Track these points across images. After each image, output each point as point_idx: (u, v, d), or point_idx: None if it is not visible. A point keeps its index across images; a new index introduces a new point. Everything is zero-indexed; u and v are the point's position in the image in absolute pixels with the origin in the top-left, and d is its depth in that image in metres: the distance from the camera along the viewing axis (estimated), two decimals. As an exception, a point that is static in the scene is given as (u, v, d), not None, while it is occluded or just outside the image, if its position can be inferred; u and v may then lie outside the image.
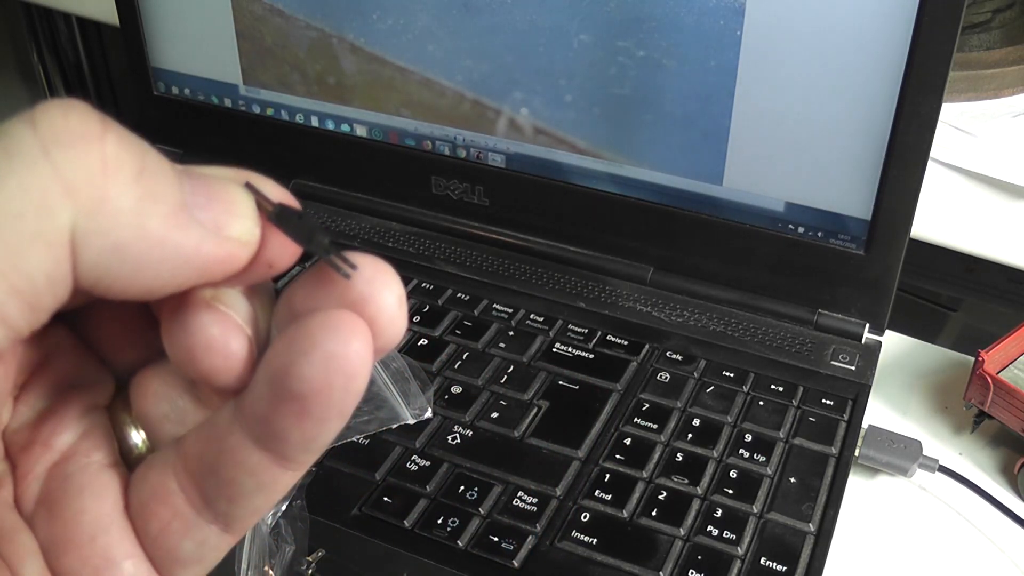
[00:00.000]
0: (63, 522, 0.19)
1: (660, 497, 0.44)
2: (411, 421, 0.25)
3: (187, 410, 0.20)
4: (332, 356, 0.17)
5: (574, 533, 0.43)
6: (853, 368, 0.51)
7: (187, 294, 0.18)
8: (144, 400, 0.20)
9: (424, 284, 0.58)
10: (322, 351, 0.17)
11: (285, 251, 0.19)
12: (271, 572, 0.37)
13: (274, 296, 0.20)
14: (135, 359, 0.21)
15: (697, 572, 0.41)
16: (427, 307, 0.56)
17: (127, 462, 0.20)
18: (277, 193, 0.19)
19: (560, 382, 0.51)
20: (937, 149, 0.52)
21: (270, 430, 0.18)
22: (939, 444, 0.51)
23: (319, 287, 0.18)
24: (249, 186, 0.19)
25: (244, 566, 0.36)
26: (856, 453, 0.48)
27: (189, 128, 0.68)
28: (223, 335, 0.18)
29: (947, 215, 0.58)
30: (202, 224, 0.17)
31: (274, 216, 0.18)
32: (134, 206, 0.16)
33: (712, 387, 0.50)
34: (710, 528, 0.43)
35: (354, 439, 0.20)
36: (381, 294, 0.18)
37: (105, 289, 0.17)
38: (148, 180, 0.17)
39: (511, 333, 0.54)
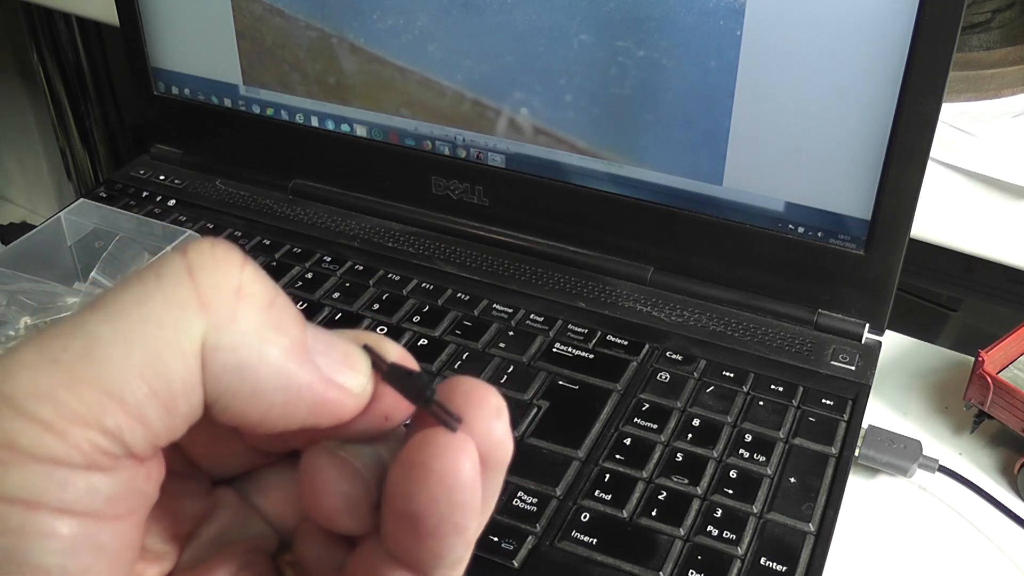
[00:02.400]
0: None
1: (660, 497, 0.44)
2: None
3: (342, 555, 0.21)
4: (432, 472, 0.18)
5: (574, 533, 0.43)
6: (853, 368, 0.52)
7: (317, 444, 0.20)
8: (303, 547, 0.22)
9: (424, 284, 0.58)
10: (420, 467, 0.18)
11: (400, 406, 0.20)
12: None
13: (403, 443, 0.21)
14: (295, 521, 0.22)
15: (697, 572, 0.41)
16: (427, 307, 0.56)
17: None
18: (396, 352, 0.21)
19: (560, 382, 0.51)
20: (937, 149, 0.52)
21: (401, 550, 0.19)
22: (939, 444, 0.51)
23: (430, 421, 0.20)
24: (367, 348, 0.20)
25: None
26: (856, 453, 0.48)
27: (189, 128, 0.68)
28: (339, 481, 0.20)
29: (947, 215, 0.58)
30: (318, 366, 0.19)
31: (387, 375, 0.20)
32: (259, 331, 0.18)
33: (712, 387, 0.50)
34: (710, 528, 0.43)
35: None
36: (488, 431, 0.20)
37: (225, 408, 0.18)
38: (275, 313, 0.19)
39: (511, 333, 0.54)
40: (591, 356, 0.52)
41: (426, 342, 0.53)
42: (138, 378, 0.17)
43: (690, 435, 0.48)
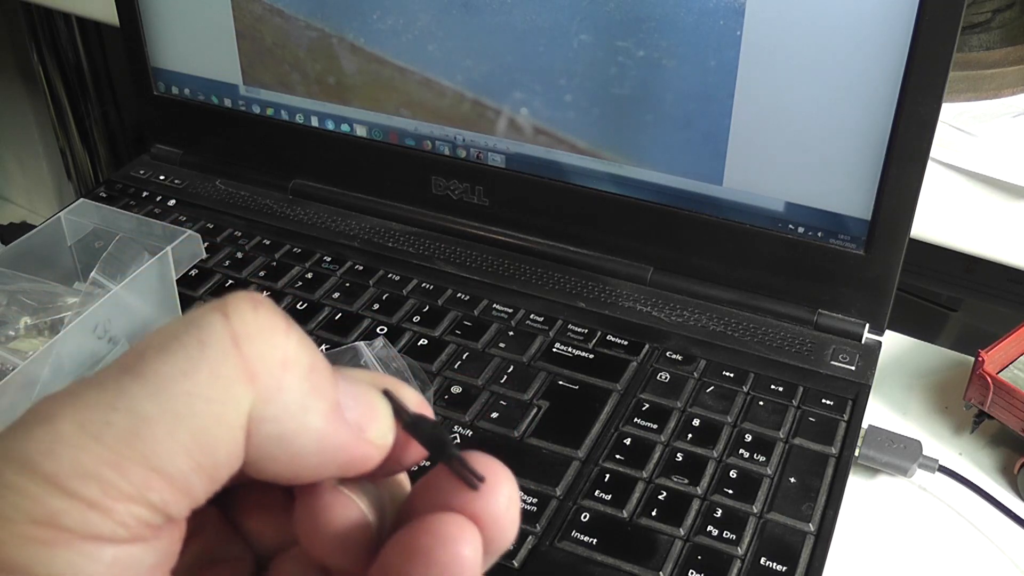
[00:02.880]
0: None
1: (660, 497, 0.44)
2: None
3: None
4: (435, 562, 0.18)
5: (574, 533, 0.43)
6: (853, 368, 0.51)
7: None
8: (282, 572, 0.21)
9: (424, 284, 0.58)
10: (433, 560, 0.18)
11: (415, 453, 0.21)
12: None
13: (405, 483, 0.22)
14: (276, 543, 0.22)
15: (697, 572, 0.41)
16: (427, 307, 0.56)
17: None
18: (415, 400, 0.21)
19: (560, 382, 0.51)
20: (937, 149, 0.52)
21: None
22: (939, 444, 0.51)
23: (444, 487, 0.20)
24: (387, 393, 0.21)
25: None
26: (856, 453, 0.48)
27: (189, 128, 0.68)
28: (344, 519, 0.20)
29: (947, 215, 0.58)
30: (350, 424, 0.19)
31: (409, 425, 0.20)
32: (302, 399, 0.18)
33: (712, 387, 0.50)
34: (710, 528, 0.43)
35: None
36: (497, 502, 0.20)
37: (260, 470, 0.19)
38: (316, 377, 0.19)
39: (511, 333, 0.54)
40: (591, 356, 0.52)
41: (426, 342, 0.53)
42: (185, 455, 0.17)
43: (690, 435, 0.48)
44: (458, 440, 0.47)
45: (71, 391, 0.17)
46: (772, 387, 0.50)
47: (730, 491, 0.45)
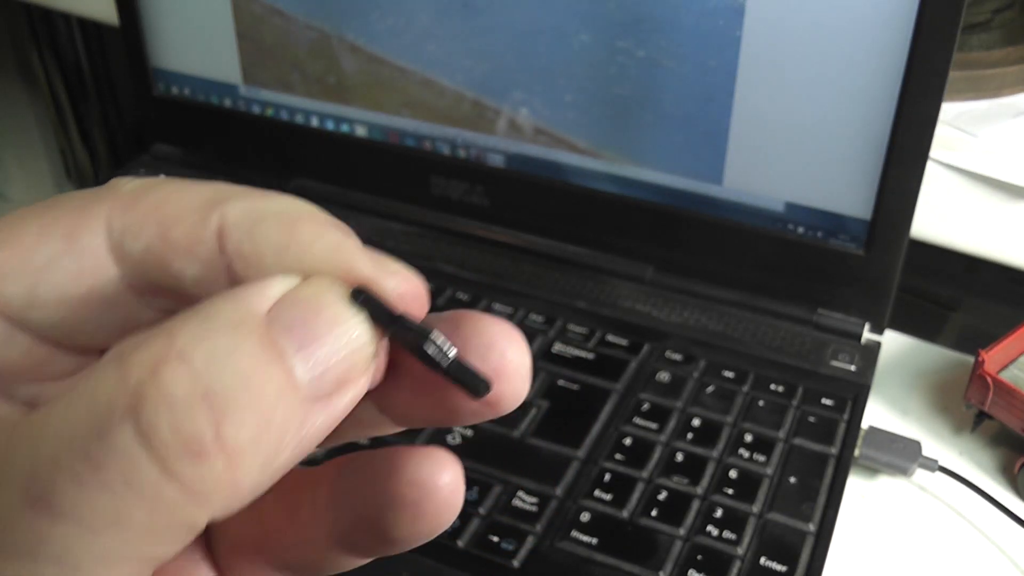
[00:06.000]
0: None
1: (660, 497, 0.44)
2: None
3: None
4: (420, 510, 0.17)
5: (574, 533, 0.43)
6: (853, 368, 0.51)
7: None
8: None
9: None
10: (409, 506, 0.17)
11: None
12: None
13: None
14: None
15: (697, 572, 0.41)
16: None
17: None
18: (398, 286, 0.17)
19: (560, 382, 0.51)
20: (937, 149, 0.52)
21: (352, 545, 0.18)
22: (939, 444, 0.51)
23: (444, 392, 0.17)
24: (359, 293, 0.16)
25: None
26: (856, 453, 0.48)
27: (189, 128, 0.68)
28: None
29: (947, 215, 0.58)
30: (325, 396, 0.16)
31: (394, 335, 0.17)
32: (263, 466, 0.15)
33: (712, 387, 0.50)
34: (710, 528, 0.43)
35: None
36: (515, 375, 0.17)
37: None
38: (269, 430, 0.15)
39: (511, 333, 0.54)
40: (591, 356, 0.52)
41: (426, 342, 0.53)
42: None
43: (690, 435, 0.48)
44: (458, 440, 0.47)
45: None
46: (772, 387, 0.50)
47: (730, 491, 0.45)
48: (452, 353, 0.16)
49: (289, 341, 0.15)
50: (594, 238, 0.58)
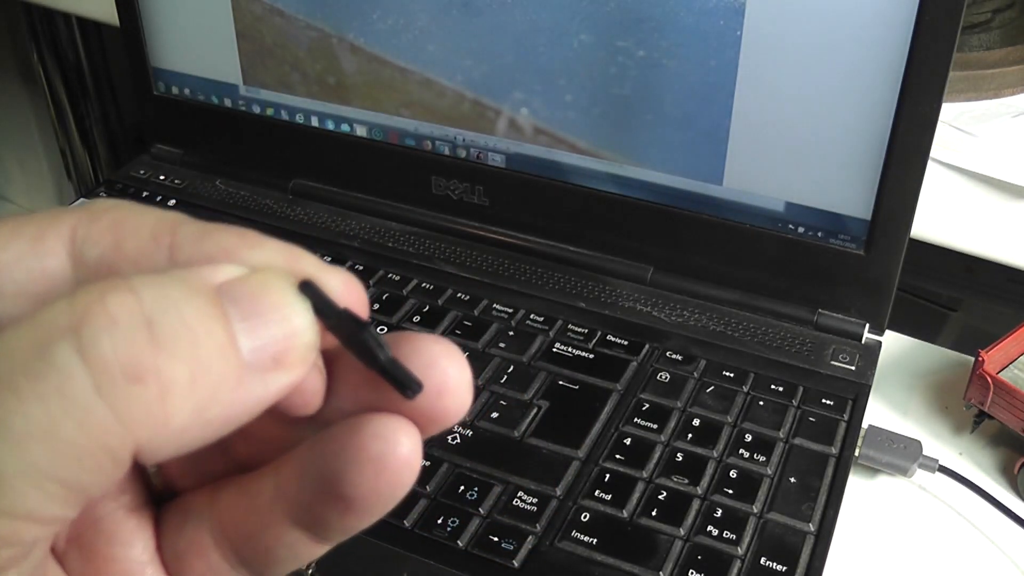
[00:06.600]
0: (95, 567, 0.19)
1: (660, 497, 0.44)
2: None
3: (215, 469, 0.20)
4: (382, 465, 0.17)
5: (574, 533, 0.43)
6: (853, 368, 0.51)
7: None
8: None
9: (424, 284, 0.58)
10: (371, 460, 0.17)
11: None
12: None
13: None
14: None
15: (697, 572, 0.41)
16: (427, 307, 0.56)
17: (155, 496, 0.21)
18: (339, 283, 0.18)
19: (560, 382, 0.51)
20: (937, 149, 0.52)
21: (313, 519, 0.18)
22: (939, 444, 0.51)
23: (377, 388, 0.18)
24: (306, 286, 0.17)
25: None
26: (856, 453, 0.48)
27: (189, 128, 0.68)
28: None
29: (947, 215, 0.58)
30: (261, 370, 0.17)
31: (333, 327, 0.17)
32: (193, 414, 0.16)
33: (712, 387, 0.50)
34: (710, 528, 0.43)
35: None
36: (456, 391, 0.18)
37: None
38: (203, 377, 0.16)
39: (511, 333, 0.54)
40: (591, 356, 0.52)
41: (426, 342, 0.53)
42: (57, 503, 0.16)
43: (690, 435, 0.48)
44: (458, 440, 0.47)
45: None
46: (772, 387, 0.50)
47: (730, 491, 0.45)
48: (388, 349, 0.17)
49: (235, 310, 0.16)
50: (594, 238, 0.58)
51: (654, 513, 0.44)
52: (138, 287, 0.16)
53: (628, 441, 0.47)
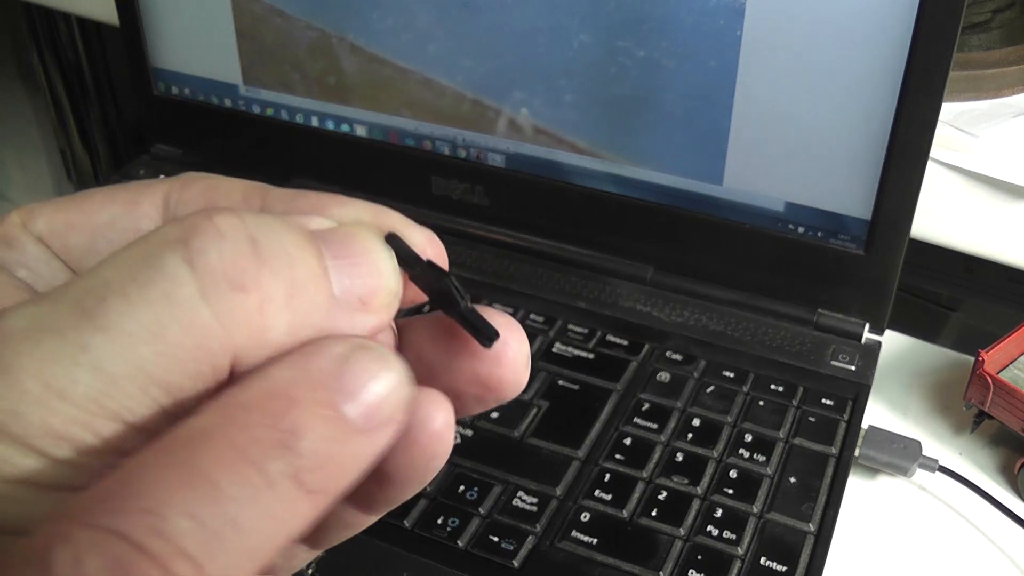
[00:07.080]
0: None
1: (660, 497, 0.44)
2: None
3: None
4: (413, 438, 0.18)
5: (574, 533, 0.43)
6: (853, 368, 0.51)
7: None
8: None
9: (424, 284, 0.58)
10: (403, 434, 0.18)
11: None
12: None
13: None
14: None
15: (697, 572, 0.41)
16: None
17: None
18: (422, 239, 0.20)
19: (560, 382, 0.51)
20: (937, 149, 0.52)
21: (357, 492, 0.19)
22: (939, 444, 0.51)
23: (448, 338, 0.19)
24: (392, 238, 0.18)
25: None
26: (856, 453, 0.48)
27: (189, 128, 0.68)
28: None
29: (947, 215, 0.58)
30: (349, 309, 0.18)
31: (416, 277, 0.19)
32: (288, 331, 0.17)
33: (712, 387, 0.50)
34: (710, 528, 0.43)
35: None
36: (515, 362, 0.19)
37: None
38: (298, 298, 0.17)
39: (511, 333, 0.54)
40: (591, 356, 0.52)
41: (426, 342, 0.53)
42: (159, 409, 0.17)
43: (690, 435, 0.48)
44: (458, 440, 0.47)
45: (26, 335, 0.16)
46: (772, 387, 0.50)
47: (730, 491, 0.45)
48: (468, 299, 0.18)
49: (327, 249, 0.18)
50: (594, 238, 0.58)
51: (654, 513, 0.44)
52: (243, 215, 0.17)
53: (628, 441, 0.47)
